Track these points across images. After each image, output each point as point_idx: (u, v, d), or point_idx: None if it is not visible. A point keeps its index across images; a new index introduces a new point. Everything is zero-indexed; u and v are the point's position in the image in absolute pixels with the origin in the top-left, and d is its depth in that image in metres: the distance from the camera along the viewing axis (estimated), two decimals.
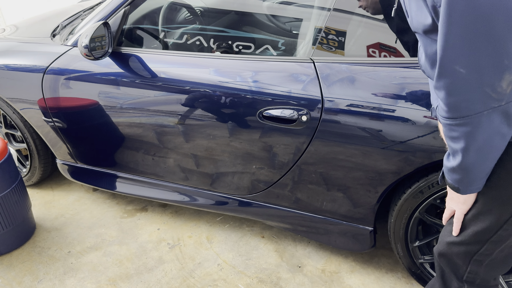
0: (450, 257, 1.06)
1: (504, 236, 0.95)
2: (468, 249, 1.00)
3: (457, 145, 0.83)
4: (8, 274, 1.81)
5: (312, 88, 1.42)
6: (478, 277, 1.05)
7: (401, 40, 1.35)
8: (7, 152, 1.82)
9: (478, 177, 0.88)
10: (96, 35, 1.60)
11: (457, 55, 0.73)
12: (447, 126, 0.83)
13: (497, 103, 0.75)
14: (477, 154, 0.82)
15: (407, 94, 1.31)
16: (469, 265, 1.03)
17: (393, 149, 1.36)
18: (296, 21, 2.02)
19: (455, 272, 1.08)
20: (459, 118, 0.79)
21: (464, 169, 0.86)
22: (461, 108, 0.78)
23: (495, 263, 1.02)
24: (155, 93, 1.65)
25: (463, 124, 0.79)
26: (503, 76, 0.72)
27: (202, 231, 2.03)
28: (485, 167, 0.86)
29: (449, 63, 0.75)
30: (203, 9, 2.16)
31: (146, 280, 1.76)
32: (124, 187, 2.03)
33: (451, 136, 0.84)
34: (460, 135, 0.81)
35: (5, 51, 1.98)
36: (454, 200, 0.97)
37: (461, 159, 0.84)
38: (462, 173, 0.88)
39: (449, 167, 0.90)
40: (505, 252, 1.00)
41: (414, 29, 0.88)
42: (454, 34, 0.72)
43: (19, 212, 1.89)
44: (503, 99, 0.74)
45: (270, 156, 1.59)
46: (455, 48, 0.73)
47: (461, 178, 0.89)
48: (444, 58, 0.75)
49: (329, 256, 1.86)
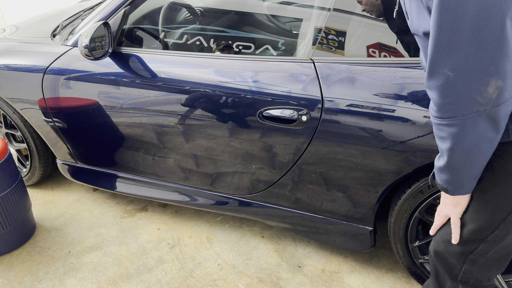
0: (445, 256, 1.06)
1: (501, 236, 0.95)
2: (463, 248, 1.01)
3: (444, 145, 0.85)
4: (8, 274, 1.82)
5: (312, 88, 1.42)
6: (472, 277, 1.05)
7: (402, 41, 1.35)
8: (7, 152, 1.82)
9: (465, 179, 0.90)
10: (96, 35, 1.60)
11: (446, 59, 0.76)
12: (436, 125, 0.85)
13: (483, 107, 0.77)
14: (463, 156, 0.84)
15: (407, 94, 1.31)
16: (464, 265, 1.03)
17: (393, 149, 1.36)
18: (296, 21, 2.02)
19: (449, 272, 1.08)
20: (447, 119, 0.81)
21: (451, 169, 0.88)
22: (448, 110, 0.80)
23: (489, 263, 1.02)
24: (155, 93, 1.65)
25: (450, 125, 0.81)
26: (489, 82, 0.74)
27: (202, 231, 2.03)
28: (473, 170, 0.88)
29: (438, 65, 0.77)
30: (203, 9, 2.16)
31: (146, 280, 1.76)
32: (124, 187, 2.04)
33: (439, 136, 0.86)
34: (447, 136, 0.83)
35: (5, 51, 1.98)
36: (448, 204, 0.98)
37: (448, 159, 0.87)
38: (450, 174, 0.90)
39: (438, 167, 0.92)
40: (500, 253, 1.00)
41: (413, 31, 0.90)
42: (443, 38, 0.74)
43: (19, 212, 1.89)
44: (489, 103, 0.76)
45: (270, 156, 1.59)
46: (443, 51, 0.75)
47: (449, 179, 0.91)
48: (434, 60, 0.78)
49: (329, 256, 1.86)
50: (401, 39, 1.36)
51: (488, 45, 0.72)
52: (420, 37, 0.88)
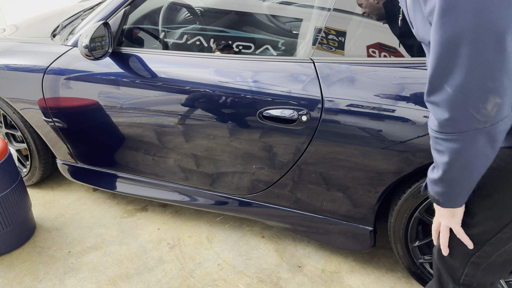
0: (448, 257, 1.06)
1: (504, 239, 0.95)
2: (466, 250, 1.00)
3: (441, 159, 0.85)
4: (8, 274, 1.82)
5: (312, 88, 1.42)
6: (474, 281, 1.05)
7: (404, 43, 1.35)
8: (7, 152, 1.82)
9: (459, 193, 0.90)
10: (96, 35, 1.60)
11: (445, 75, 0.76)
12: (434, 138, 0.85)
13: (482, 125, 0.77)
14: (459, 171, 0.84)
15: (407, 94, 1.31)
16: (466, 268, 1.03)
17: (393, 149, 1.36)
18: (296, 21, 2.02)
19: (451, 275, 1.07)
20: (445, 134, 0.81)
21: (445, 182, 0.88)
22: (447, 125, 0.80)
23: (493, 267, 1.01)
24: (155, 93, 1.65)
25: (448, 140, 0.81)
26: (487, 99, 0.74)
27: (202, 231, 2.03)
28: (467, 185, 0.88)
29: (437, 81, 0.78)
30: (203, 9, 2.16)
31: (146, 280, 1.76)
32: (124, 187, 2.04)
33: (436, 149, 0.86)
34: (445, 150, 0.83)
35: (5, 51, 1.98)
36: (444, 216, 0.98)
37: (443, 173, 0.86)
38: (444, 187, 0.90)
39: (432, 179, 0.92)
40: (504, 257, 1.00)
41: (419, 39, 0.90)
42: (442, 55, 0.75)
43: (19, 212, 1.89)
44: (487, 121, 0.76)
45: (270, 156, 1.59)
46: (443, 68, 0.76)
47: (443, 192, 0.91)
48: (433, 75, 0.78)
49: (329, 256, 1.86)
50: (402, 41, 1.36)
51: (486, 62, 0.72)
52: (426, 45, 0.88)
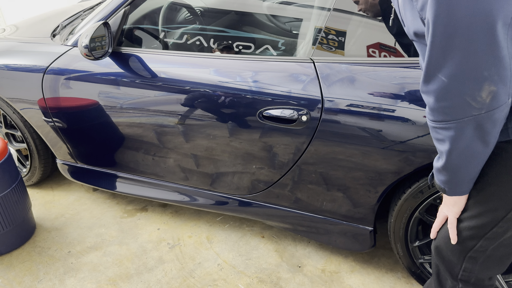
0: (445, 253, 1.07)
1: (499, 233, 0.96)
2: (462, 245, 1.02)
3: (442, 147, 0.88)
4: (8, 274, 1.82)
5: (312, 88, 1.42)
6: (473, 276, 1.06)
7: (400, 42, 1.35)
8: (7, 152, 1.82)
9: (462, 180, 0.92)
10: (96, 35, 1.60)
11: (440, 64, 0.78)
12: (432, 128, 0.88)
13: (477, 112, 0.79)
14: (459, 158, 0.87)
15: (407, 94, 1.31)
16: (463, 263, 1.04)
17: (393, 149, 1.36)
18: (296, 21, 2.02)
19: (449, 270, 1.09)
20: (442, 122, 0.83)
21: (448, 170, 0.91)
22: (443, 113, 0.82)
23: (490, 261, 1.03)
24: (155, 93, 1.65)
25: (446, 128, 0.84)
26: (482, 87, 0.76)
27: (202, 231, 2.03)
28: (470, 171, 0.90)
29: (433, 70, 0.80)
30: (203, 9, 2.16)
31: (146, 280, 1.76)
32: (124, 187, 2.04)
33: (436, 138, 0.89)
34: (444, 138, 0.86)
35: (5, 51, 1.98)
36: (446, 203, 1.01)
37: (446, 160, 0.89)
38: (447, 175, 0.92)
39: (436, 168, 0.95)
40: (501, 252, 1.01)
41: (410, 37, 0.92)
42: (437, 45, 0.77)
43: (19, 212, 1.89)
44: (483, 108, 0.78)
45: (270, 156, 1.59)
46: (438, 57, 0.78)
47: (447, 180, 0.93)
48: (429, 65, 0.80)
49: (329, 256, 1.86)
50: (400, 40, 1.36)
51: (481, 51, 0.74)
52: (417, 42, 0.91)
